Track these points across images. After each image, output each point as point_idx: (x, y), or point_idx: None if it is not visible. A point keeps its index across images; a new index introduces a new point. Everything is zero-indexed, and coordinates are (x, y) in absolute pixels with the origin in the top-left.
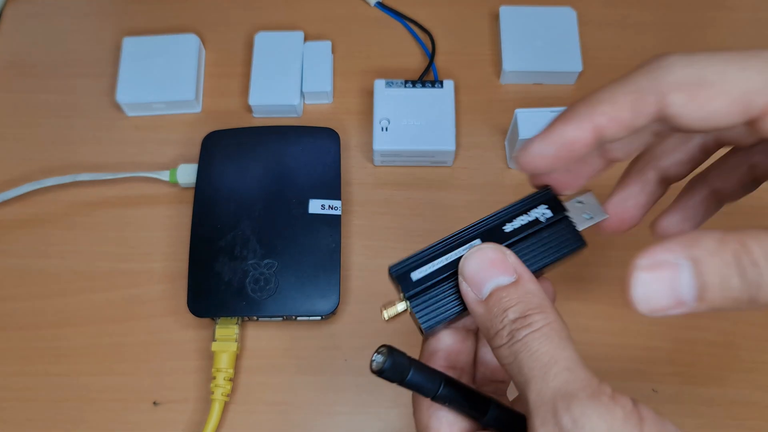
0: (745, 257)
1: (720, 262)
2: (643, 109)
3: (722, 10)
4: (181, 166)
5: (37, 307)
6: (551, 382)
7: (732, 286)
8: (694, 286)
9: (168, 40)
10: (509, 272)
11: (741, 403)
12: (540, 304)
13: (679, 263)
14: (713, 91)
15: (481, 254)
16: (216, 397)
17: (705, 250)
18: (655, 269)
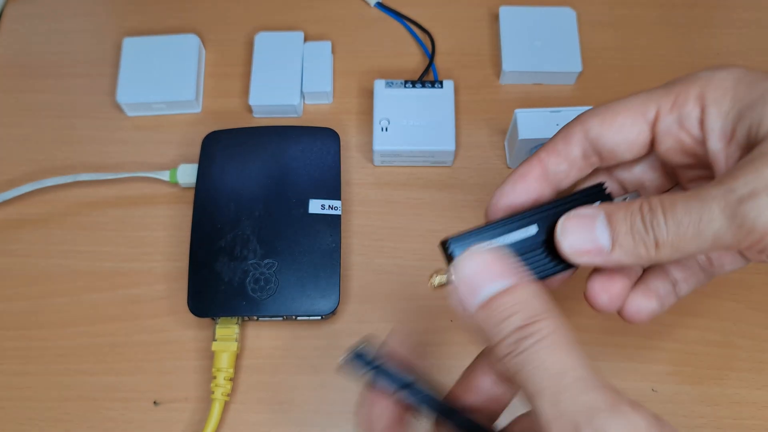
0: (645, 205)
1: (627, 213)
2: (570, 138)
3: (722, 10)
4: (182, 166)
5: (37, 307)
6: (565, 394)
7: (637, 229)
8: (608, 231)
9: (168, 40)
10: (507, 276)
11: (741, 403)
12: (544, 309)
13: (595, 215)
14: (616, 110)
15: (476, 257)
16: (216, 397)
17: (617, 206)
18: (576, 219)
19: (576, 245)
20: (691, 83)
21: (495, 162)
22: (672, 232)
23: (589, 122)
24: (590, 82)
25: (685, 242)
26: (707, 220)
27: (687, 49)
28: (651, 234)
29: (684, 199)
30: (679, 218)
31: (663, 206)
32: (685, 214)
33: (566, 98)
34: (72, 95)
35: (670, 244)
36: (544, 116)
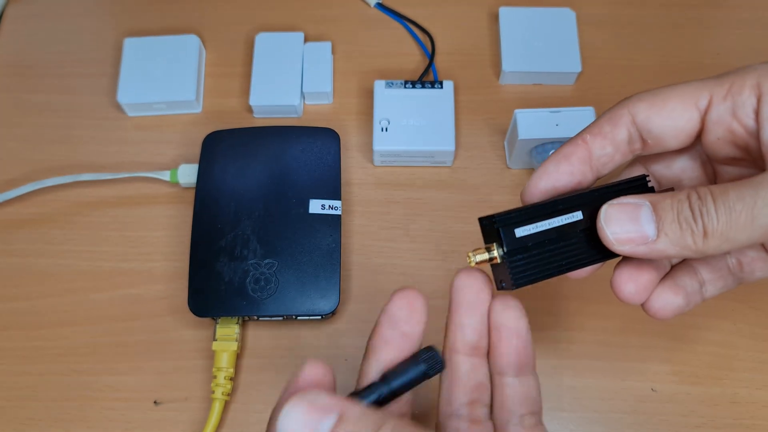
0: (693, 194)
1: (675, 201)
2: (617, 120)
3: (722, 10)
4: (182, 166)
5: (37, 307)
6: None
7: (684, 217)
8: (653, 219)
9: (169, 40)
10: (329, 411)
11: (740, 402)
12: (377, 420)
13: (640, 203)
14: (666, 95)
15: (293, 410)
16: (216, 396)
17: (662, 195)
18: (620, 206)
19: (620, 233)
20: (748, 73)
21: (495, 162)
22: (723, 220)
23: (636, 106)
24: (590, 82)
25: (736, 231)
26: (762, 206)
27: (687, 49)
28: (699, 222)
29: (736, 186)
30: (731, 205)
31: (713, 194)
32: (738, 200)
33: (566, 98)
34: (72, 95)
35: (720, 233)
36: (544, 116)
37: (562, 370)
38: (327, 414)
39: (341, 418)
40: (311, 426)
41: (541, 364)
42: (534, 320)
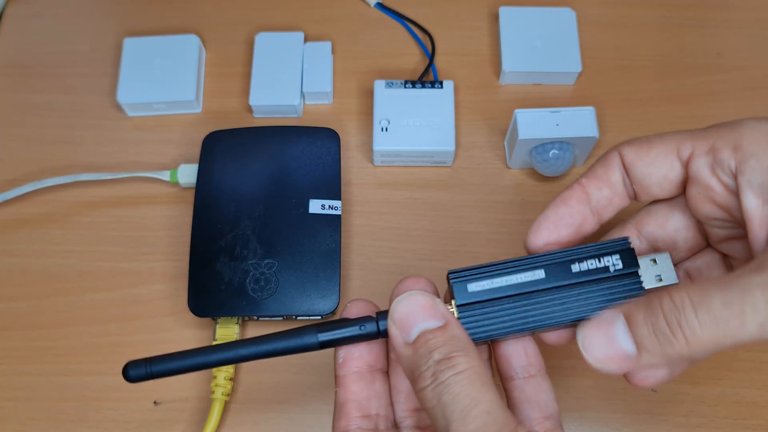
0: (667, 302)
1: (648, 312)
2: (609, 162)
3: (722, 10)
4: (182, 166)
5: (37, 307)
6: (470, 424)
7: (660, 328)
8: (629, 336)
9: (168, 40)
10: (438, 317)
11: (741, 403)
12: (465, 348)
13: (614, 319)
14: (652, 142)
15: (411, 299)
16: (216, 397)
17: (636, 305)
18: (595, 327)
19: (600, 356)
20: (732, 130)
21: (495, 162)
22: (707, 329)
23: (624, 149)
24: (590, 82)
25: (725, 336)
26: (751, 312)
27: (687, 49)
28: (679, 333)
29: (720, 290)
30: (716, 313)
31: (692, 301)
32: (725, 307)
33: (566, 98)
34: (72, 95)
35: (706, 340)
36: (544, 116)
37: (563, 370)
38: (437, 318)
39: (440, 328)
40: (418, 317)
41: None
42: None
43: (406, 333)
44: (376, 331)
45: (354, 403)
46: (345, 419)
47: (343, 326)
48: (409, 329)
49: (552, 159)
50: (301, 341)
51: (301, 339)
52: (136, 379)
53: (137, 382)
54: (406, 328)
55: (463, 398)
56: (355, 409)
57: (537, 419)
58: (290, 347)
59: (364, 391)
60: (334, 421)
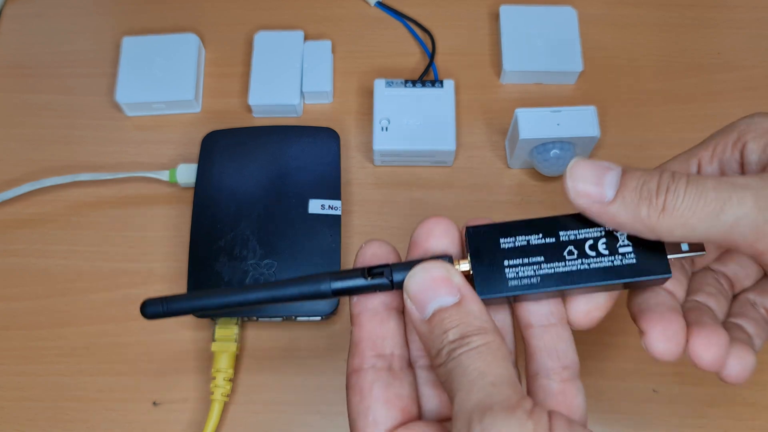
0: (667, 173)
1: (645, 173)
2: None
3: (723, 10)
4: (181, 165)
5: (37, 307)
6: (474, 394)
7: (647, 187)
8: (616, 183)
9: (168, 39)
10: (453, 292)
11: (743, 404)
12: (480, 327)
13: (613, 167)
14: None
15: (425, 273)
16: (216, 398)
17: (638, 169)
18: (592, 162)
19: (580, 187)
20: (729, 132)
21: (495, 162)
22: (689, 202)
23: None
24: (591, 81)
25: (698, 218)
26: (736, 203)
27: (688, 48)
28: (662, 197)
29: (717, 179)
30: (704, 192)
31: (689, 177)
32: (714, 189)
33: (567, 98)
34: (71, 95)
35: (679, 214)
36: (545, 116)
37: None
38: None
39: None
40: (433, 293)
41: None
42: None
43: (422, 310)
44: (390, 284)
45: (368, 342)
46: (359, 357)
47: (356, 276)
48: (425, 306)
49: (553, 159)
50: (315, 288)
51: (314, 286)
52: (153, 316)
53: (153, 318)
54: (422, 304)
55: (471, 371)
56: (369, 347)
57: (554, 368)
58: (303, 293)
59: (378, 330)
60: (349, 359)
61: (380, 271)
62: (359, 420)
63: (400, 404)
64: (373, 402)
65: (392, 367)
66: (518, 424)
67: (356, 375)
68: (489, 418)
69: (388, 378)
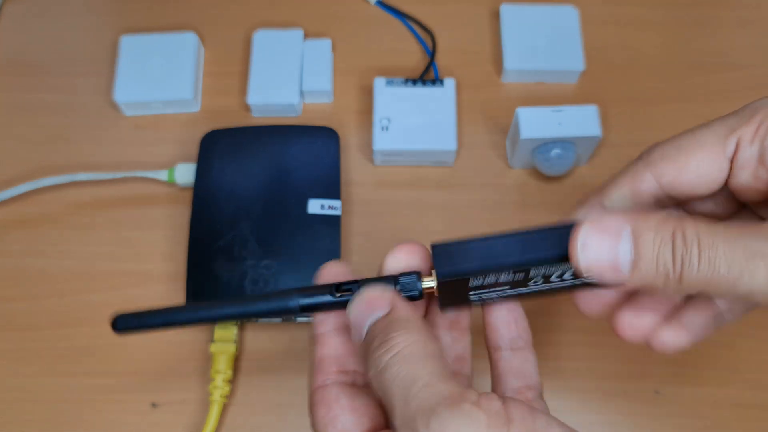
0: (679, 235)
1: (657, 237)
2: (641, 188)
3: (724, 9)
4: (180, 165)
5: (35, 308)
6: (411, 402)
7: (664, 256)
8: (631, 253)
9: (166, 38)
10: (384, 306)
11: (745, 405)
12: (403, 326)
13: (623, 232)
14: (692, 150)
15: (361, 296)
16: (215, 399)
17: (647, 224)
18: (600, 230)
19: (594, 260)
20: None
21: (496, 162)
22: (703, 274)
23: (659, 167)
24: (593, 80)
25: (715, 287)
26: (748, 278)
27: (690, 47)
28: (678, 267)
29: (728, 244)
30: (716, 267)
31: (700, 242)
32: (725, 262)
33: (568, 97)
34: (69, 94)
35: (695, 284)
36: (546, 115)
37: (565, 372)
38: (383, 307)
39: (390, 312)
40: (367, 313)
41: (545, 366)
42: (537, 323)
43: (359, 332)
44: None
45: (332, 359)
46: (323, 374)
47: (324, 293)
48: (361, 329)
49: (554, 158)
50: (283, 304)
51: (282, 302)
52: (124, 331)
53: (124, 333)
54: (359, 326)
55: (402, 378)
56: (333, 364)
57: (519, 388)
58: (270, 309)
59: (342, 348)
60: (311, 378)
61: (348, 288)
62: (328, 429)
63: (367, 413)
64: (340, 411)
65: (356, 383)
66: (467, 417)
67: (321, 390)
68: (435, 420)
69: (353, 391)
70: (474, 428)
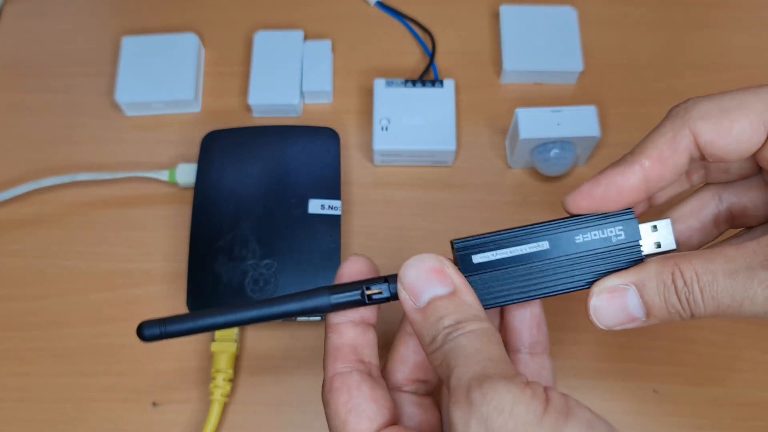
0: (679, 279)
1: (660, 284)
2: (679, 144)
3: (723, 9)
4: (180, 165)
5: (36, 307)
6: (472, 367)
7: (671, 302)
8: (641, 305)
9: (167, 39)
10: (447, 283)
11: (743, 404)
12: (475, 315)
13: (628, 288)
14: (734, 115)
15: (420, 263)
16: (215, 398)
17: (648, 275)
18: (608, 298)
19: (611, 323)
20: None
21: (496, 162)
22: (710, 308)
23: (699, 125)
24: (591, 81)
25: (721, 314)
26: (749, 304)
27: (688, 47)
28: (687, 308)
29: (726, 277)
30: (719, 299)
31: (700, 282)
32: (726, 295)
33: (567, 97)
34: (70, 95)
35: (705, 315)
36: (546, 115)
37: (564, 371)
38: (447, 284)
39: (450, 295)
40: (428, 283)
41: None
42: None
43: (417, 298)
44: (389, 297)
45: (349, 347)
46: (341, 361)
47: (354, 289)
48: (420, 295)
49: (553, 159)
50: (314, 303)
51: (313, 301)
52: (150, 339)
53: (151, 341)
54: (417, 293)
55: (468, 349)
56: (351, 352)
57: None
58: (303, 308)
59: (360, 338)
60: (328, 364)
61: (378, 287)
62: (350, 417)
63: (386, 404)
64: (362, 399)
65: (372, 374)
66: (517, 389)
67: (341, 377)
68: (488, 383)
69: (372, 382)
70: (518, 396)
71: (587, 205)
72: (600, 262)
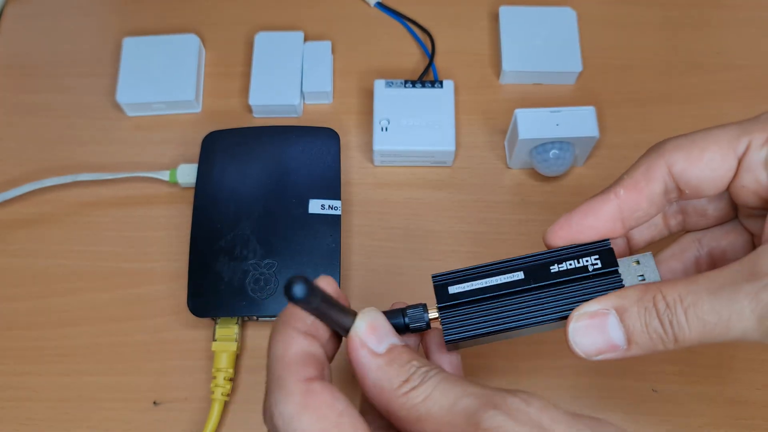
0: (660, 302)
1: (641, 308)
2: (654, 173)
3: (722, 9)
4: (181, 166)
5: (37, 307)
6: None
7: (653, 327)
8: (622, 331)
9: (168, 40)
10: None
11: (742, 402)
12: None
13: (608, 313)
14: (705, 143)
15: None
16: (216, 397)
17: (629, 300)
18: (586, 323)
19: (590, 349)
20: None
21: (495, 162)
22: (695, 330)
23: (672, 156)
24: (590, 81)
25: (708, 337)
26: (737, 321)
27: (688, 48)
28: (670, 332)
29: (710, 294)
30: (704, 318)
31: (683, 303)
32: (712, 313)
33: (566, 98)
34: (72, 95)
35: (692, 340)
36: (545, 116)
37: (563, 370)
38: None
39: (403, 346)
40: (384, 334)
41: (543, 364)
42: None
43: (380, 343)
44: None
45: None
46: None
47: (396, 317)
48: (383, 340)
49: (552, 159)
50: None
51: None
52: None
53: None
54: (380, 338)
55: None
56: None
57: None
58: None
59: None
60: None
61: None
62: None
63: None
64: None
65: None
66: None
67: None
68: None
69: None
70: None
71: (564, 234)
72: (577, 290)
